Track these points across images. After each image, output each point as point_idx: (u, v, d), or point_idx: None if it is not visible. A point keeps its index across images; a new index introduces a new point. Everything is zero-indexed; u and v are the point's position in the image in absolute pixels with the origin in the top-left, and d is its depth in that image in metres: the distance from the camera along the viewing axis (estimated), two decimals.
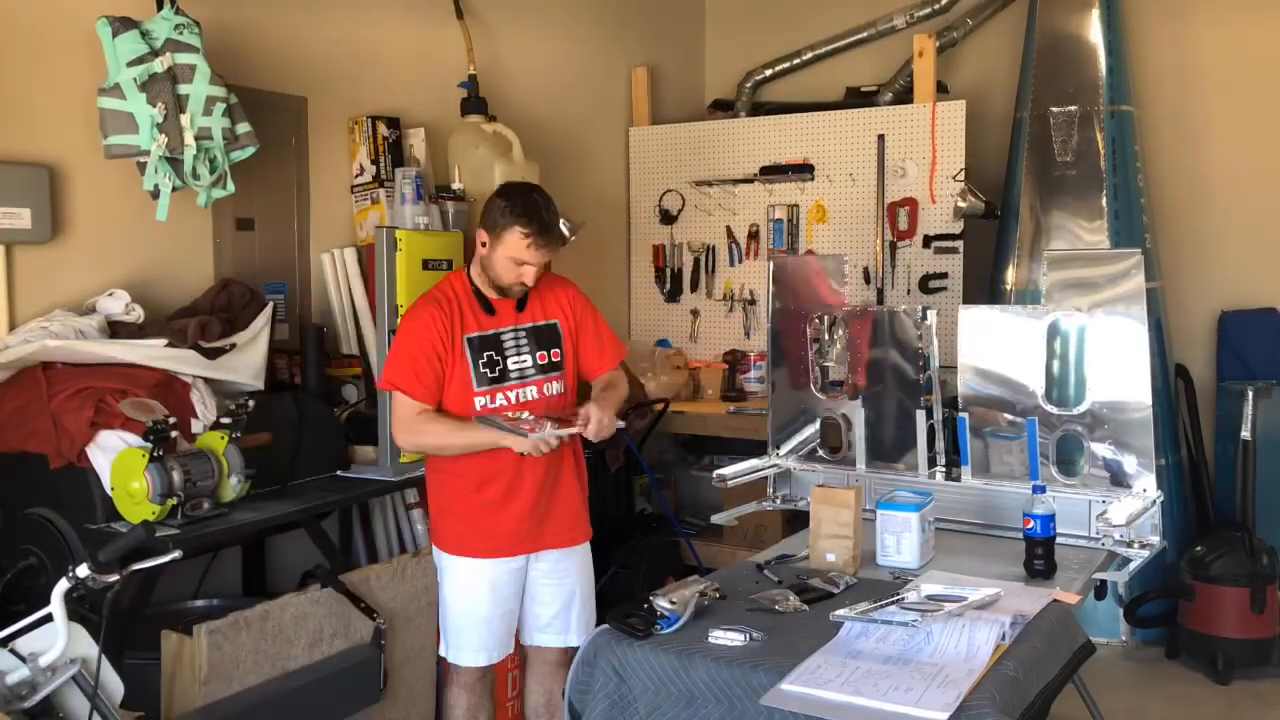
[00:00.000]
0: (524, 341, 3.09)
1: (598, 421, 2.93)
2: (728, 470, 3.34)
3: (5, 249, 3.18)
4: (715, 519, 3.47)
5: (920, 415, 3.21)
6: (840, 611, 2.34)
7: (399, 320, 3.20)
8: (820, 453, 3.45)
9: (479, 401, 3.01)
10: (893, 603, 2.36)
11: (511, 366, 3.06)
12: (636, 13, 5.80)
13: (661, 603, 2.35)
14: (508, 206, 2.94)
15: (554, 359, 3.13)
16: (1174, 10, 5.09)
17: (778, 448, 3.50)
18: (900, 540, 2.76)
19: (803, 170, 5.32)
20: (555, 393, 3.12)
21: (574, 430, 2.92)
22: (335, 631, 3.13)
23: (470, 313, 3.04)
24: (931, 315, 3.23)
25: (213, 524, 2.94)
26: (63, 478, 2.95)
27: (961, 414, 3.15)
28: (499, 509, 3.06)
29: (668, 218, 5.69)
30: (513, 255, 2.95)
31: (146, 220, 3.34)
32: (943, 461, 3.25)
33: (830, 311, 3.42)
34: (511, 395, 3.05)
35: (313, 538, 3.45)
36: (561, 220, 4.80)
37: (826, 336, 3.41)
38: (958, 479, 3.19)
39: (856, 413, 3.34)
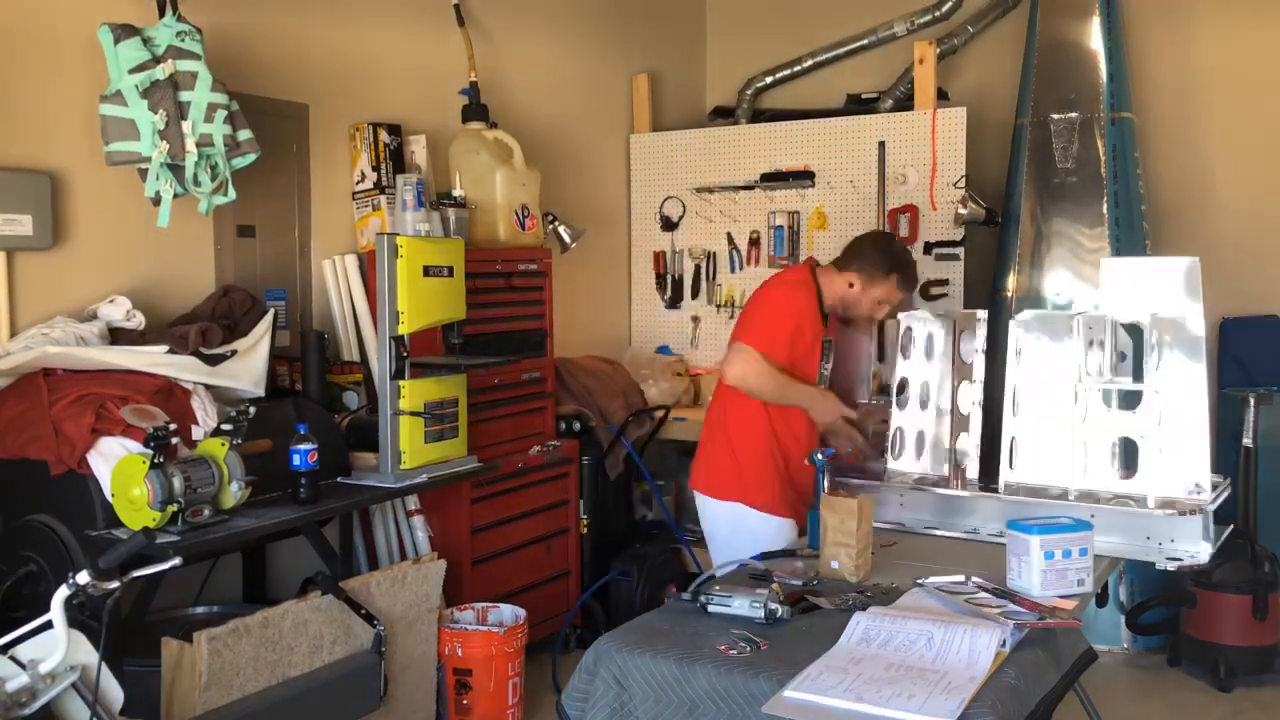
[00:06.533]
0: (828, 351, 3.60)
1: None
2: None
3: (7, 255, 3.18)
4: None
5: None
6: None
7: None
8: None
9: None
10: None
11: (825, 372, 3.58)
12: (637, 20, 5.81)
13: None
14: (889, 260, 3.50)
15: (825, 370, 3.58)
16: (1174, 17, 5.09)
17: None
18: (1022, 563, 2.56)
19: (804, 177, 5.32)
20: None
21: None
22: (335, 638, 3.13)
23: (819, 318, 3.52)
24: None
25: (213, 530, 2.94)
26: (63, 484, 2.95)
27: None
28: None
29: (668, 224, 5.70)
30: (882, 298, 3.51)
31: (148, 227, 3.34)
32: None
33: None
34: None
35: (313, 544, 3.45)
36: (562, 226, 4.86)
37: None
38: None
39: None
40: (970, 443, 3.24)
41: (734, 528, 3.44)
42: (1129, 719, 4.08)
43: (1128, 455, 3.02)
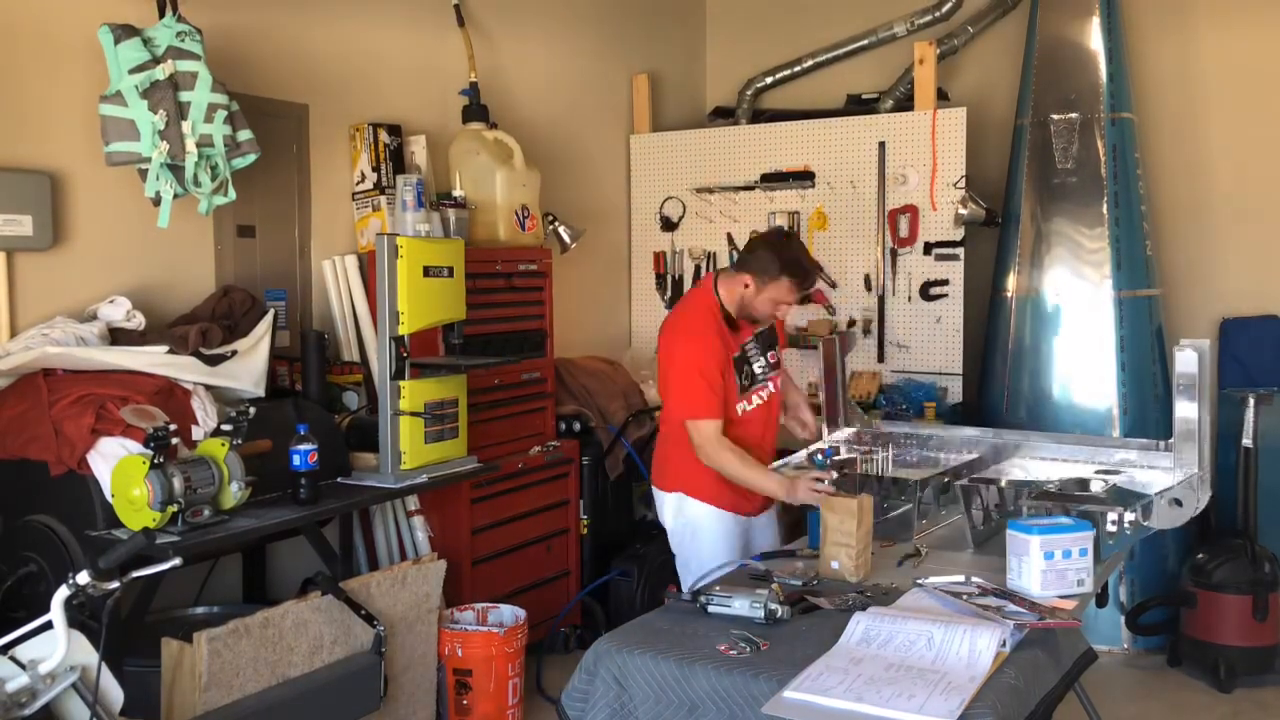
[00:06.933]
0: (757, 347, 3.49)
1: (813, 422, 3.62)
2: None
3: (7, 256, 3.18)
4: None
5: None
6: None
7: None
8: None
9: (740, 407, 3.40)
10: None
11: (756, 371, 3.46)
12: (637, 20, 5.81)
13: None
14: (780, 262, 3.35)
15: (772, 360, 3.51)
16: (1174, 17, 5.09)
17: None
18: (1021, 563, 2.56)
19: (804, 177, 5.32)
20: (773, 390, 3.50)
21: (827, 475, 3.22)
22: (335, 639, 3.13)
23: (727, 333, 3.41)
24: None
25: (213, 531, 2.94)
26: (63, 485, 2.95)
27: None
28: None
29: (669, 224, 5.70)
30: (777, 299, 3.39)
31: (148, 227, 3.34)
32: None
33: None
34: (756, 397, 3.45)
35: (313, 544, 3.45)
36: (562, 226, 4.86)
37: None
38: None
39: None
40: None
41: (676, 513, 3.51)
42: (1129, 719, 4.08)
43: None
